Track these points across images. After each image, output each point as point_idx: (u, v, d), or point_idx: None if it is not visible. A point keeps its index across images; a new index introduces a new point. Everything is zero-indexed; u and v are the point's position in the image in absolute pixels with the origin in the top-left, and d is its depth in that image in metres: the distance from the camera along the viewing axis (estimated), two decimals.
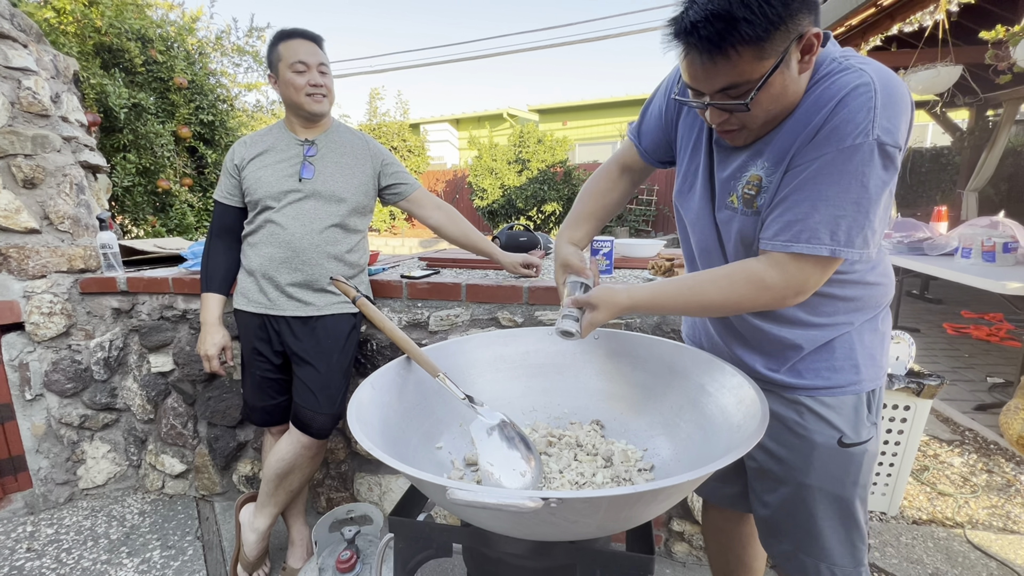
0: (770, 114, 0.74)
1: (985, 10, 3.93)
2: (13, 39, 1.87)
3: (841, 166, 0.69)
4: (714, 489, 1.15)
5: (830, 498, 0.90)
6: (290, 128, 1.53)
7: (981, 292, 2.50)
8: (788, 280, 0.75)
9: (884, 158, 0.69)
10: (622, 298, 0.84)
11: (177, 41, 3.39)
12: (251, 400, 1.61)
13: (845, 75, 0.71)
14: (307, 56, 1.43)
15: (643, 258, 2.05)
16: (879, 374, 0.90)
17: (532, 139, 10.11)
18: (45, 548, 1.77)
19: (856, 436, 0.88)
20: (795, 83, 0.72)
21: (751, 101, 0.70)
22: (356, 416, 0.75)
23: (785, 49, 0.67)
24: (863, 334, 0.88)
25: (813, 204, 0.72)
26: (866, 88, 0.68)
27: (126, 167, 3.05)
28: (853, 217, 0.71)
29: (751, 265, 0.78)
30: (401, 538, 0.80)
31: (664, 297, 0.83)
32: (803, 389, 0.89)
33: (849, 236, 0.72)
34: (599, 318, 0.85)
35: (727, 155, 0.85)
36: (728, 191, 0.84)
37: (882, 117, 0.67)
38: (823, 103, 0.71)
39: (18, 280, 1.87)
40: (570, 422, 1.07)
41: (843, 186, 0.70)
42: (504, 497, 0.53)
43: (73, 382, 1.97)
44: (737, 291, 0.78)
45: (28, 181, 1.84)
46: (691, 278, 0.83)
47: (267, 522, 1.58)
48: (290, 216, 1.46)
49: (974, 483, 2.11)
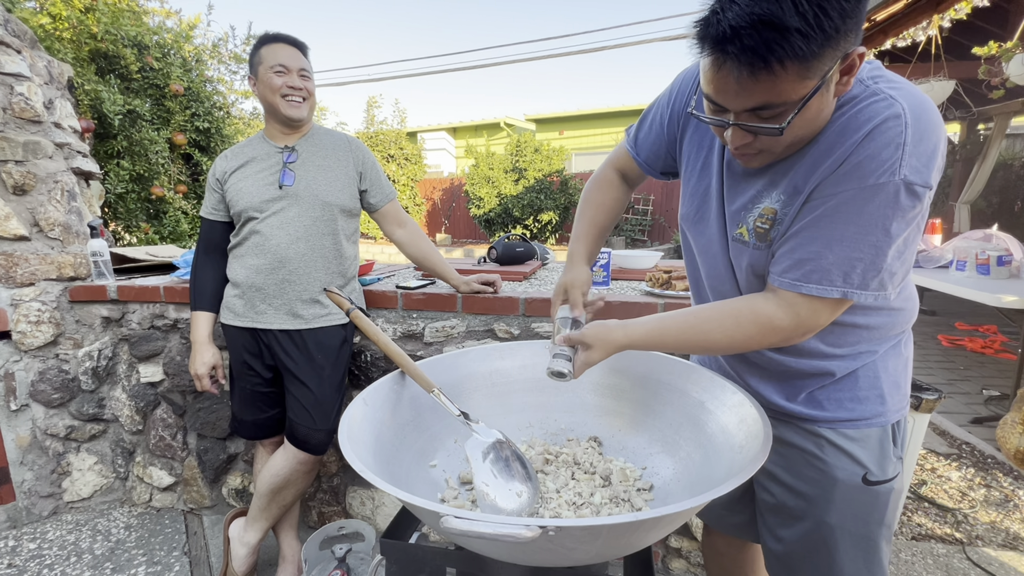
0: (797, 138, 0.67)
1: (976, 26, 3.99)
2: (6, 44, 1.85)
3: (861, 206, 0.64)
4: (720, 517, 1.08)
5: (853, 538, 0.83)
6: (270, 137, 1.49)
7: (975, 304, 2.51)
8: (799, 322, 0.71)
9: (910, 198, 0.62)
10: (618, 336, 0.80)
11: (174, 48, 3.38)
12: (240, 413, 1.58)
13: (874, 103, 0.64)
14: (287, 60, 1.40)
15: (640, 269, 2.04)
16: (904, 403, 0.84)
17: (529, 148, 10.15)
18: (27, 564, 1.72)
19: (882, 473, 0.82)
20: (828, 106, 0.65)
21: (788, 125, 0.62)
22: (348, 435, 0.72)
23: (829, 68, 0.59)
24: (887, 360, 0.82)
25: (827, 243, 0.66)
26: (896, 122, 0.61)
27: (120, 174, 3.03)
28: (871, 260, 0.65)
29: (759, 305, 0.73)
30: (393, 561, 0.78)
31: (663, 335, 0.78)
32: (824, 421, 0.83)
33: (864, 279, 0.67)
34: (594, 358, 0.81)
35: (738, 182, 0.79)
36: (737, 222, 0.79)
37: (911, 155, 0.61)
38: (848, 134, 0.65)
39: (5, 288, 1.83)
40: (567, 438, 1.05)
41: (861, 227, 0.64)
42: (500, 527, 0.51)
43: (60, 392, 1.93)
44: (743, 332, 0.73)
45: (18, 187, 1.81)
46: (694, 315, 0.77)
47: (258, 536, 1.54)
48: (274, 226, 1.43)
49: (972, 498, 2.09)
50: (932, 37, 3.57)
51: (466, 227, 12.72)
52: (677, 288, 1.55)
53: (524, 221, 9.86)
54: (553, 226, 9.97)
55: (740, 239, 0.78)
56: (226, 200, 1.48)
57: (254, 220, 1.44)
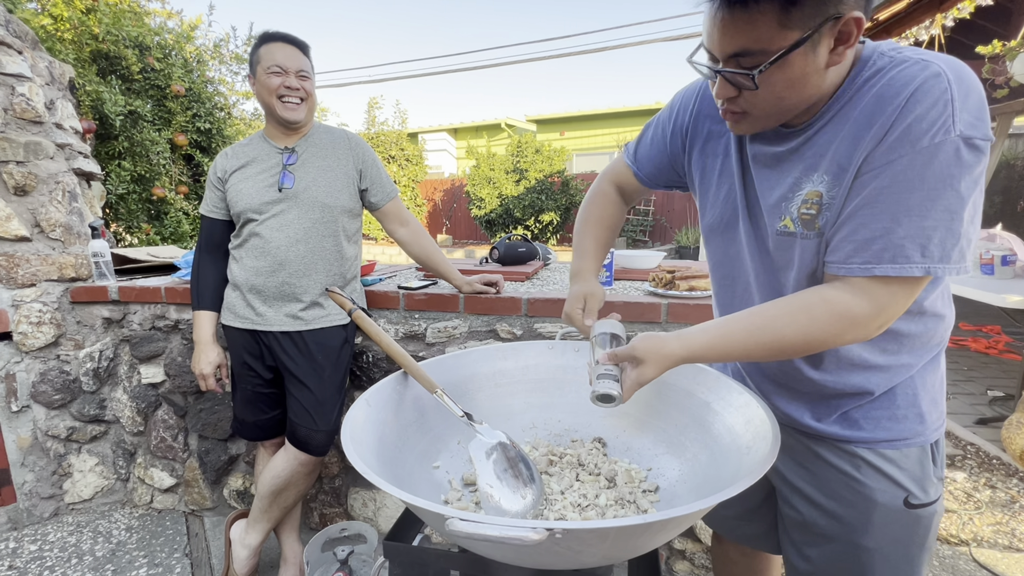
0: (782, 104, 0.65)
1: (980, 26, 3.97)
2: (8, 45, 1.85)
3: (921, 170, 0.59)
4: (733, 527, 1.04)
5: (891, 563, 0.78)
6: (270, 137, 1.47)
7: (978, 304, 2.50)
8: (878, 309, 0.63)
9: (974, 154, 0.58)
10: (673, 347, 0.69)
11: (175, 49, 3.38)
12: (242, 415, 1.57)
13: (907, 67, 0.60)
14: (285, 60, 1.37)
15: (643, 270, 2.03)
16: (941, 421, 0.79)
17: (530, 149, 10.16)
18: (27, 566, 1.72)
19: (924, 496, 0.76)
20: (819, 75, 0.62)
21: (760, 75, 0.61)
22: (351, 436, 0.72)
23: (816, 26, 0.58)
24: (925, 376, 0.77)
25: (894, 216, 0.60)
26: (938, 79, 0.58)
27: (121, 175, 3.03)
28: (948, 226, 0.59)
29: (830, 295, 0.65)
30: (396, 564, 0.77)
31: (728, 341, 0.69)
32: (861, 442, 0.77)
33: (944, 250, 0.60)
34: (647, 374, 0.70)
35: (770, 175, 0.74)
36: (779, 215, 0.73)
37: (962, 110, 0.57)
38: (887, 100, 0.60)
39: (7, 289, 1.83)
40: (571, 439, 1.04)
41: (927, 192, 0.59)
42: (506, 529, 0.50)
43: (61, 393, 1.93)
44: (819, 327, 0.65)
45: (19, 188, 1.81)
46: (758, 315, 0.69)
47: (259, 538, 1.53)
48: (274, 228, 1.41)
49: (978, 499, 2.08)
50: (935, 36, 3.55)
51: (467, 228, 12.73)
52: (681, 288, 1.54)
53: (525, 222, 9.86)
54: (554, 227, 9.97)
55: (785, 231, 0.72)
56: (227, 200, 1.47)
57: (254, 222, 1.43)
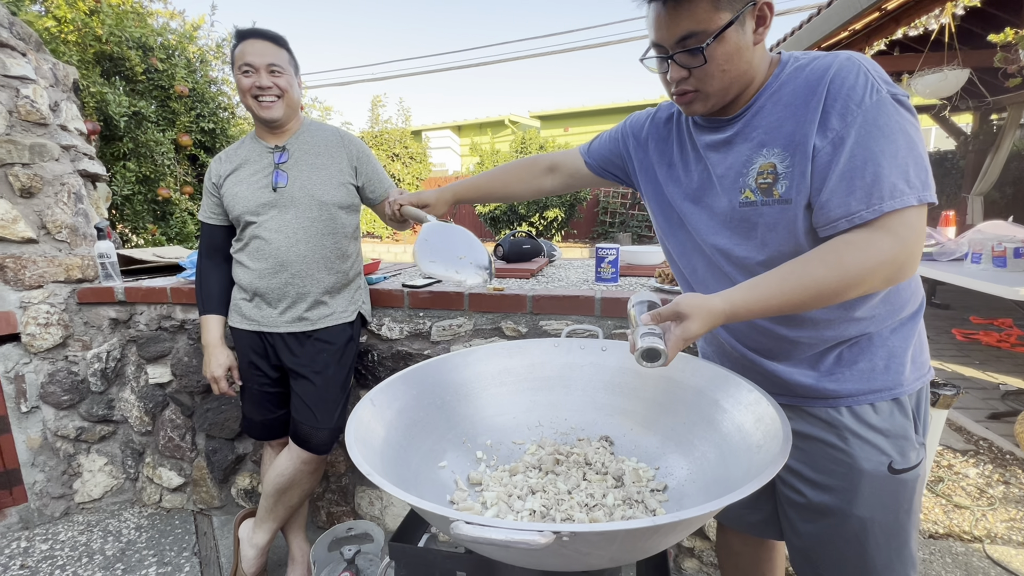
0: (726, 77, 0.76)
1: (990, 14, 3.90)
2: (12, 48, 1.85)
3: (875, 121, 0.69)
4: (738, 516, 1.06)
5: (883, 529, 0.84)
6: (261, 137, 1.46)
7: (990, 297, 2.46)
8: (903, 241, 0.68)
9: (904, 107, 0.71)
10: (716, 303, 0.70)
11: (178, 49, 3.38)
12: (250, 414, 1.57)
13: (822, 59, 0.75)
14: (254, 57, 1.33)
15: (649, 265, 2.01)
16: (920, 376, 0.86)
17: (534, 145, 10.11)
18: (39, 565, 1.73)
19: (905, 461, 0.82)
20: (749, 50, 0.76)
21: (707, 49, 0.73)
22: (355, 436, 0.71)
23: (741, 9, 0.72)
24: (900, 331, 0.84)
25: (877, 163, 0.69)
26: (850, 60, 0.72)
27: (126, 175, 3.04)
28: (914, 161, 0.69)
29: (850, 238, 0.70)
30: (402, 565, 0.76)
31: (767, 293, 0.70)
32: (844, 397, 0.84)
33: (921, 179, 0.69)
34: (692, 329, 0.69)
35: (724, 157, 0.84)
36: (739, 189, 0.82)
37: (877, 77, 0.70)
38: (815, 81, 0.74)
39: (14, 290, 1.84)
40: (578, 438, 1.03)
41: (889, 137, 0.69)
42: (512, 533, 0.49)
43: (70, 394, 1.94)
44: (851, 261, 0.68)
45: (25, 190, 1.82)
46: (788, 267, 0.71)
47: (266, 537, 1.54)
48: (272, 229, 1.40)
49: (991, 495, 2.05)
50: (945, 25, 3.49)
51: (471, 225, 12.71)
52: None
53: (530, 218, 9.83)
54: (559, 223, 9.93)
55: (747, 202, 0.81)
56: (223, 205, 1.46)
57: (252, 224, 1.42)
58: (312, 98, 4.81)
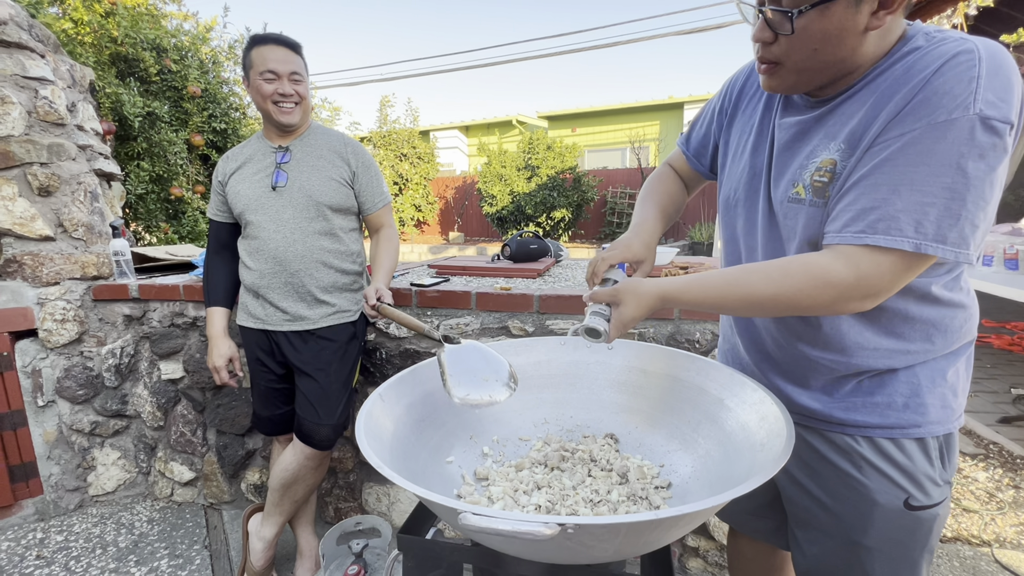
0: (816, 57, 0.64)
1: (1004, 14, 3.86)
2: (31, 49, 1.89)
3: (932, 144, 0.58)
4: (745, 521, 1.05)
5: (891, 562, 0.78)
6: (267, 137, 1.50)
7: (1001, 300, 2.44)
8: (859, 278, 0.62)
9: (989, 136, 0.56)
10: (648, 287, 0.72)
11: (191, 50, 3.44)
12: (258, 410, 1.60)
13: (942, 45, 0.60)
14: (277, 64, 1.37)
15: (656, 266, 2.01)
16: (951, 418, 0.76)
17: (541, 145, 10.12)
18: (54, 555, 1.77)
19: (926, 498, 0.74)
20: (855, 37, 0.62)
21: (799, 16, 0.61)
22: (365, 431, 0.73)
23: None
24: (938, 368, 0.74)
25: (894, 188, 0.60)
26: (968, 55, 0.57)
27: (140, 175, 3.09)
28: (946, 206, 0.58)
29: (812, 258, 0.66)
30: (410, 557, 0.78)
31: (701, 289, 0.70)
32: (854, 426, 0.77)
33: (939, 229, 0.59)
34: (626, 315, 0.73)
35: (793, 144, 0.74)
36: (794, 181, 0.72)
37: (987, 88, 0.56)
38: (915, 74, 0.60)
39: (32, 287, 1.88)
40: (583, 435, 1.04)
41: (933, 168, 0.58)
42: (518, 524, 0.50)
43: (85, 389, 1.98)
44: (792, 284, 0.65)
45: (43, 189, 1.86)
46: (736, 269, 0.71)
47: (273, 531, 1.56)
48: (271, 229, 1.43)
49: (1000, 499, 2.04)
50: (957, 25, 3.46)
51: (479, 225, 12.74)
52: None
53: (537, 219, 9.84)
54: (566, 223, 9.93)
55: (796, 198, 0.72)
56: (228, 202, 1.50)
57: (252, 223, 1.45)
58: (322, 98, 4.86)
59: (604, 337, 0.75)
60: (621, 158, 13.99)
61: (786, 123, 0.76)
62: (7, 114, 1.78)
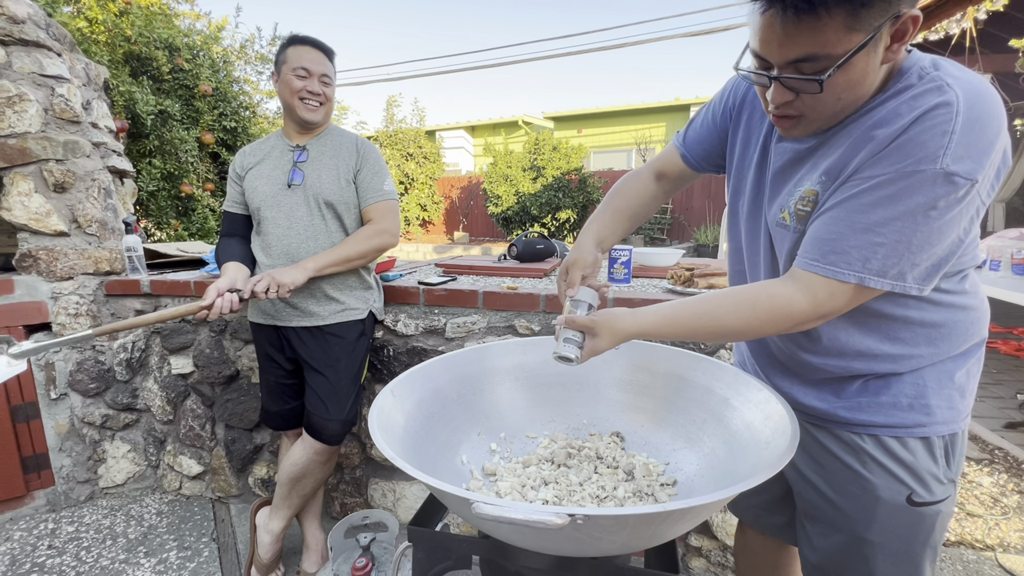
0: (840, 104, 0.66)
1: (1013, 18, 3.85)
2: (48, 48, 1.93)
3: (895, 191, 0.62)
4: (757, 516, 1.07)
5: (894, 557, 0.80)
6: (286, 135, 1.53)
7: (1009, 305, 2.43)
8: (815, 305, 0.68)
9: (949, 188, 0.60)
10: (626, 323, 0.76)
11: (203, 50, 3.47)
12: (267, 404, 1.63)
13: (928, 91, 0.62)
14: (311, 64, 1.43)
15: (662, 267, 2.03)
16: (957, 418, 0.77)
17: (547, 146, 10.13)
18: (66, 546, 1.80)
19: (929, 495, 0.76)
20: (874, 73, 0.63)
21: (827, 80, 0.61)
22: (378, 424, 0.74)
23: (879, 26, 0.58)
24: (944, 370, 0.76)
25: (851, 225, 0.65)
26: (946, 109, 0.59)
27: (151, 172, 3.12)
28: (892, 247, 0.63)
29: (776, 289, 0.71)
30: (420, 548, 0.79)
31: (675, 323, 0.75)
32: (860, 426, 0.79)
33: (883, 266, 0.64)
34: (600, 346, 0.78)
35: (785, 171, 0.78)
36: (781, 207, 0.77)
37: (959, 144, 0.59)
38: (897, 118, 0.63)
39: (46, 281, 1.91)
40: (590, 433, 1.05)
41: (890, 212, 0.62)
42: (530, 513, 0.52)
43: (96, 382, 2.01)
44: (758, 318, 0.71)
45: (59, 185, 1.89)
46: (708, 302, 0.75)
47: (281, 524, 1.58)
48: (284, 225, 1.46)
49: (1005, 504, 2.03)
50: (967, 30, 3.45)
51: (484, 225, 12.77)
52: (699, 286, 1.54)
53: (542, 219, 9.85)
54: (571, 224, 9.93)
55: (783, 224, 0.76)
56: (245, 195, 1.53)
57: (266, 219, 1.48)
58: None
59: (576, 363, 0.79)
60: (627, 159, 13.98)
61: (782, 148, 0.78)
62: (25, 111, 1.81)
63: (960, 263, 0.72)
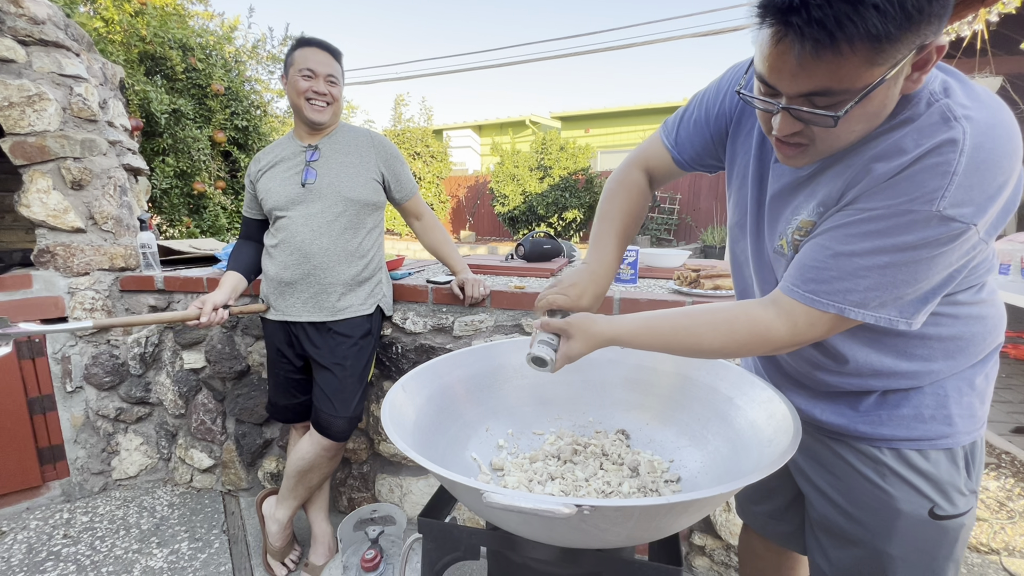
0: (852, 136, 0.62)
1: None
2: (67, 48, 1.97)
3: (886, 226, 0.59)
4: (764, 524, 1.06)
5: (916, 572, 0.77)
6: (297, 136, 1.57)
7: (1018, 310, 2.42)
8: (794, 332, 0.67)
9: (942, 230, 0.57)
10: (601, 328, 0.75)
11: (216, 49, 3.52)
12: (275, 398, 1.66)
13: (935, 128, 0.57)
14: (317, 65, 1.46)
15: (668, 268, 2.04)
16: (976, 427, 0.76)
17: (554, 146, 10.14)
18: (80, 535, 1.84)
19: (952, 508, 0.74)
20: (892, 103, 0.59)
21: (844, 115, 0.56)
22: (390, 418, 0.77)
23: (902, 58, 0.53)
24: (963, 380, 0.74)
25: (836, 256, 0.63)
26: (951, 147, 0.55)
27: (165, 170, 3.17)
28: (876, 280, 0.61)
29: (756, 312, 0.69)
30: (430, 539, 0.82)
31: (652, 333, 0.74)
32: (881, 440, 0.77)
33: (864, 299, 0.62)
34: (575, 349, 0.77)
35: (784, 195, 0.75)
36: (780, 234, 0.75)
37: (959, 187, 0.55)
38: (899, 154, 0.59)
39: (63, 277, 1.95)
40: (595, 431, 1.07)
41: (878, 245, 0.60)
42: (538, 503, 0.54)
43: (111, 376, 2.05)
44: (736, 339, 0.70)
45: (76, 183, 1.93)
46: (687, 316, 0.73)
47: (288, 514, 1.63)
48: (299, 223, 1.49)
49: (1011, 508, 2.03)
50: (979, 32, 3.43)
51: (491, 225, 12.80)
52: (705, 287, 1.55)
53: (549, 219, 9.86)
54: (578, 224, 9.94)
55: (780, 251, 0.75)
56: (258, 199, 1.57)
57: (281, 218, 1.52)
58: None
59: (550, 366, 0.78)
60: None
61: (779, 170, 0.75)
62: (44, 110, 1.85)
63: (974, 276, 0.69)
